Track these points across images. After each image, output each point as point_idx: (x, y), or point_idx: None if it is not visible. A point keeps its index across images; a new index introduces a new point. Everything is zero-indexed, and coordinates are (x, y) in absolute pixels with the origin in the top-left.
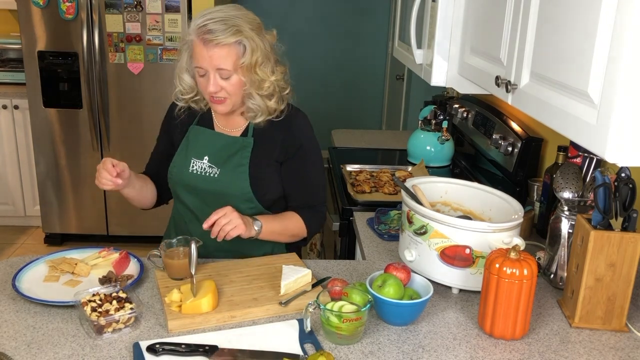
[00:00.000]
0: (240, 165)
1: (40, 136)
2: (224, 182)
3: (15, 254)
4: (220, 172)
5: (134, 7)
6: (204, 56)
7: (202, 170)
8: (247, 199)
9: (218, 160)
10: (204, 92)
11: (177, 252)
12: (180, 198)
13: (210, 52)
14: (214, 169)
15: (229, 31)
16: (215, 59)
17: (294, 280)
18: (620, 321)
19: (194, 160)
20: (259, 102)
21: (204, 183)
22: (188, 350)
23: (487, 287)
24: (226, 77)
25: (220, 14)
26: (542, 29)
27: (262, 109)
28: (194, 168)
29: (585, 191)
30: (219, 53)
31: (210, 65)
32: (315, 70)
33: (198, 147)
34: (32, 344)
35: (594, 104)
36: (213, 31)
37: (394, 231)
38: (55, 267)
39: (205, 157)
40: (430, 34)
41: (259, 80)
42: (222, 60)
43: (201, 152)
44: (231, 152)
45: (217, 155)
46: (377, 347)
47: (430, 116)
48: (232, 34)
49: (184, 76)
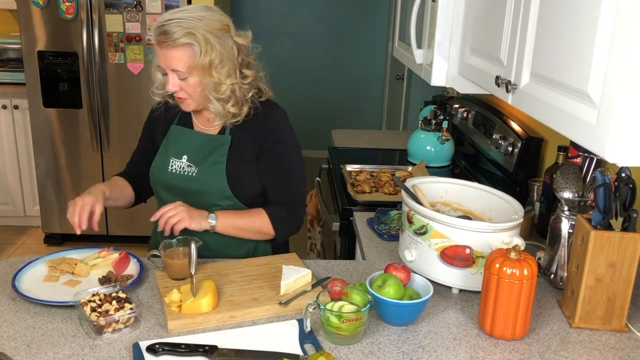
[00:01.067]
0: (217, 164)
1: (40, 136)
2: (201, 180)
3: (15, 254)
4: (198, 171)
5: (133, 7)
6: (160, 57)
7: (181, 170)
8: (225, 196)
9: (196, 159)
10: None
11: (177, 252)
12: (161, 197)
13: (164, 53)
14: (192, 168)
15: (181, 32)
16: (169, 60)
17: (294, 280)
18: (620, 321)
19: (173, 160)
20: (216, 106)
21: (183, 182)
22: (188, 351)
23: (487, 287)
24: (183, 77)
25: (182, 14)
26: (542, 29)
27: (221, 113)
28: (173, 167)
29: (586, 191)
30: (172, 54)
31: (166, 66)
32: (315, 70)
33: (177, 147)
34: (32, 344)
35: (594, 104)
36: (166, 33)
37: (394, 231)
38: (55, 267)
39: (184, 156)
40: (430, 34)
41: (215, 82)
42: (175, 62)
43: (180, 152)
44: (209, 151)
45: (196, 154)
46: (377, 347)
47: (430, 116)
48: (183, 35)
49: (156, 73)
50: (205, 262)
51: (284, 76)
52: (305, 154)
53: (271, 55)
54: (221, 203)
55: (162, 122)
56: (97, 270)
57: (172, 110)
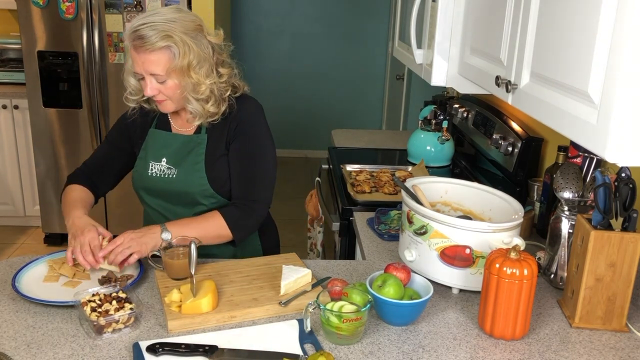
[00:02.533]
0: (196, 163)
1: (40, 136)
2: (182, 181)
3: (15, 254)
4: (178, 172)
5: (133, 7)
6: (137, 62)
7: (161, 172)
8: (207, 194)
9: (175, 161)
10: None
11: (177, 252)
12: (144, 201)
13: (141, 58)
14: (172, 170)
15: (158, 36)
16: (147, 64)
17: (294, 280)
18: (620, 321)
19: (152, 163)
20: (196, 107)
21: (164, 184)
22: (188, 351)
23: (487, 287)
24: (161, 81)
25: (155, 17)
26: (542, 28)
27: (200, 113)
28: (152, 171)
29: (586, 191)
30: (150, 58)
31: (143, 70)
32: (315, 70)
33: (155, 150)
34: (32, 344)
35: (594, 104)
36: (142, 37)
37: (394, 231)
38: (55, 268)
39: (164, 159)
40: (430, 34)
41: (194, 83)
42: (153, 66)
43: (159, 155)
44: (187, 151)
45: (174, 155)
46: (377, 347)
47: (430, 116)
48: (160, 38)
49: (129, 78)
50: (205, 262)
51: (284, 76)
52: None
53: (271, 56)
54: (205, 202)
55: (139, 127)
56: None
57: (149, 115)
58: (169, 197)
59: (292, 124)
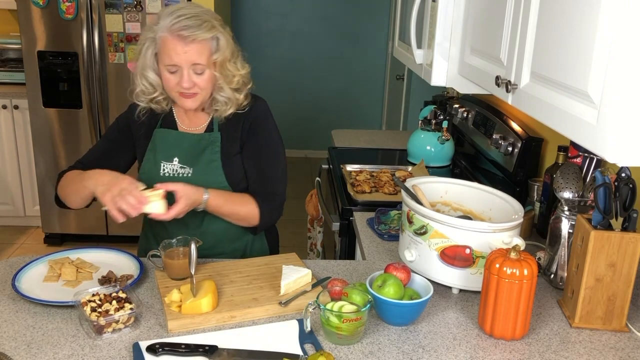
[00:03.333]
0: (212, 161)
1: (40, 136)
2: (199, 180)
3: (15, 254)
4: (194, 171)
5: (133, 7)
6: (179, 52)
7: (174, 172)
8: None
9: (188, 160)
10: (172, 88)
11: (177, 252)
12: None
13: (186, 47)
14: (186, 169)
15: (205, 27)
16: (191, 54)
17: (294, 280)
18: (620, 321)
19: (164, 163)
20: (229, 95)
21: None
22: (188, 351)
23: (487, 287)
24: (200, 72)
25: (189, 10)
26: (542, 28)
27: (232, 101)
28: (165, 171)
29: (586, 191)
30: (196, 48)
31: (185, 61)
32: (315, 70)
33: (165, 150)
34: (32, 344)
35: (594, 104)
36: (189, 27)
37: (394, 231)
38: (55, 268)
39: (175, 159)
40: (430, 34)
41: (230, 74)
42: (197, 56)
43: (170, 154)
44: (200, 150)
45: (186, 154)
46: (377, 347)
47: (430, 116)
48: (208, 29)
49: (148, 74)
50: (205, 262)
51: (284, 76)
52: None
53: (271, 56)
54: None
55: (144, 126)
56: (99, 272)
57: (154, 114)
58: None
59: (292, 123)
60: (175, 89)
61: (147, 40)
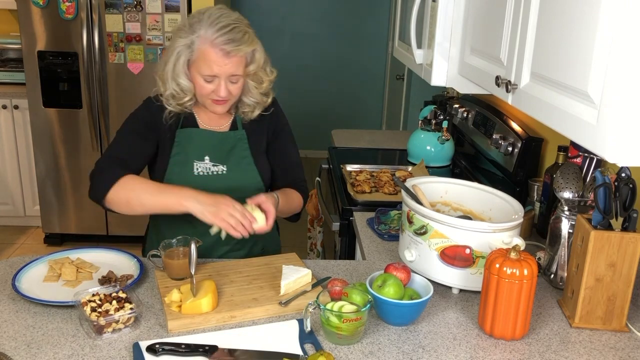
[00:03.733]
0: (244, 158)
1: (40, 136)
2: (234, 177)
3: (15, 254)
4: (228, 168)
5: (133, 7)
6: (220, 65)
7: (207, 170)
8: (258, 187)
9: (220, 158)
10: (207, 95)
11: (177, 252)
12: None
13: (227, 60)
14: (218, 167)
15: (246, 40)
16: (230, 67)
17: (294, 280)
18: (620, 321)
19: (196, 163)
20: (257, 99)
21: (213, 182)
22: (188, 351)
23: (487, 287)
24: (235, 81)
25: (228, 19)
26: (542, 28)
27: (259, 104)
28: (198, 170)
29: (586, 191)
30: (235, 61)
31: (224, 73)
32: (315, 70)
33: (195, 149)
34: (32, 344)
35: (594, 104)
36: (232, 41)
37: (394, 231)
38: (55, 268)
39: (206, 157)
40: (430, 34)
41: (260, 80)
42: (236, 68)
43: (200, 153)
44: (229, 147)
45: (217, 152)
46: (377, 347)
47: (430, 116)
48: (249, 43)
49: (181, 80)
50: (205, 262)
51: (283, 76)
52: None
53: (271, 56)
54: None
55: (169, 127)
56: (98, 271)
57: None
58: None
59: (292, 123)
60: (210, 96)
61: (181, 46)
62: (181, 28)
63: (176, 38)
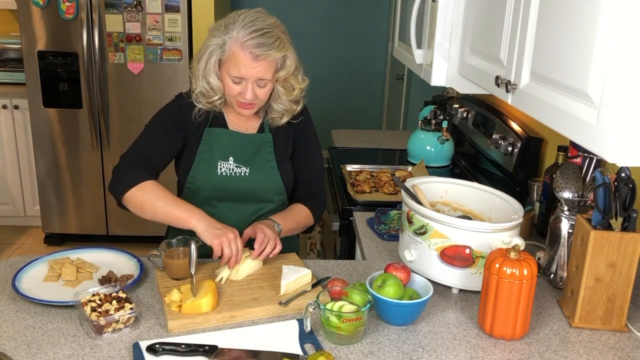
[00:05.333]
0: (267, 161)
1: (40, 136)
2: (256, 179)
3: (15, 254)
4: (250, 170)
5: (134, 7)
6: (248, 67)
7: (230, 171)
8: (279, 192)
9: (244, 159)
10: (234, 96)
11: (177, 252)
12: (208, 202)
13: (256, 64)
14: (241, 168)
15: (276, 45)
16: (259, 70)
17: (294, 280)
18: (620, 321)
19: (221, 163)
20: (286, 106)
21: (235, 183)
22: (188, 350)
23: (487, 287)
24: (263, 85)
25: (263, 23)
26: (542, 28)
27: (288, 112)
28: (222, 170)
29: (585, 191)
30: (264, 65)
31: (252, 76)
32: (315, 70)
33: (220, 149)
34: (32, 344)
35: (594, 104)
36: (262, 45)
37: (394, 231)
38: (55, 268)
39: (230, 158)
40: (430, 34)
41: (291, 87)
42: (264, 72)
43: (225, 154)
44: (254, 150)
45: (241, 154)
46: (377, 347)
47: (430, 116)
48: (279, 49)
49: (211, 78)
50: (205, 262)
51: None
52: None
53: None
54: (274, 199)
55: (196, 125)
56: (100, 270)
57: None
58: (239, 195)
59: None
60: (237, 97)
61: (214, 45)
62: (216, 27)
63: (210, 37)
